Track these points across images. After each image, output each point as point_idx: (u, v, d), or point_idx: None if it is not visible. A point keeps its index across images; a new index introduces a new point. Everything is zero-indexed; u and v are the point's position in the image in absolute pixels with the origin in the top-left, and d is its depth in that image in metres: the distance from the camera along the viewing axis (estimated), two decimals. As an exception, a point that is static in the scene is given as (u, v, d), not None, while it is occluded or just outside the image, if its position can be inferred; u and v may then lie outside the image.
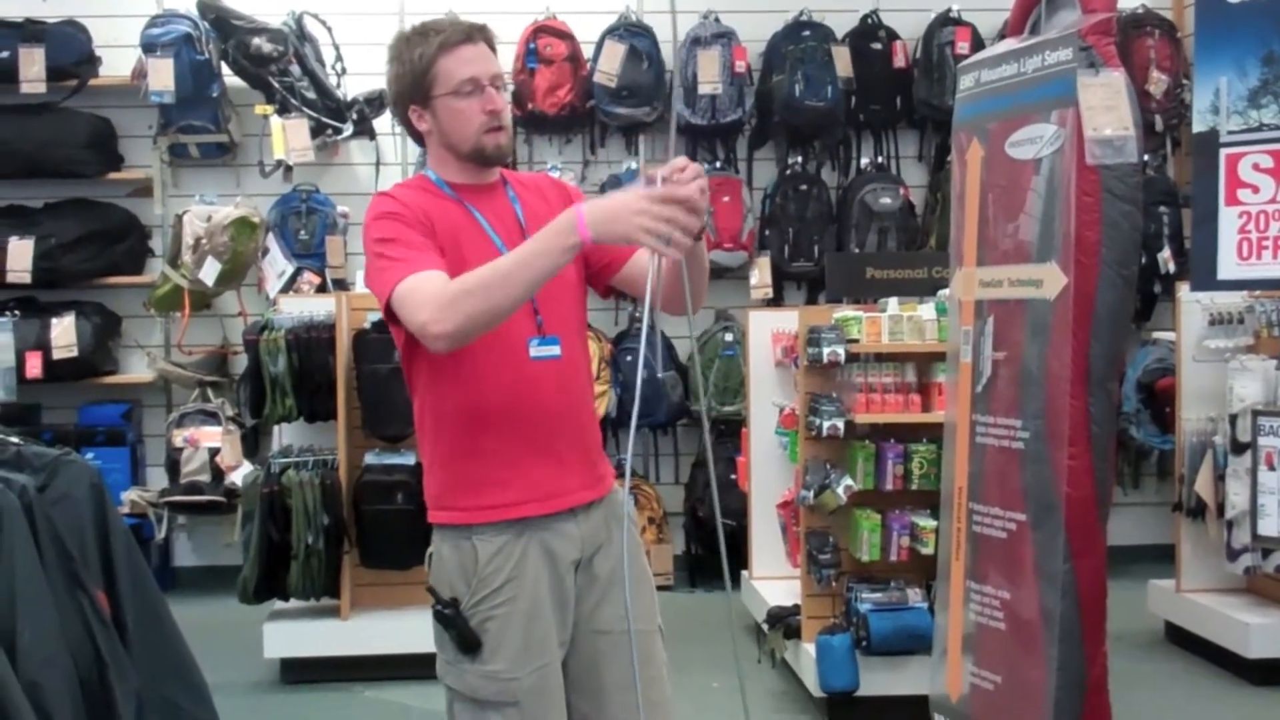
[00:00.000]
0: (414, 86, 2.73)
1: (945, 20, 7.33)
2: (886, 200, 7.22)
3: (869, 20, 7.40)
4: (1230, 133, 3.85)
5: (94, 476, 2.33)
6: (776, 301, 7.23)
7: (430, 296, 2.48)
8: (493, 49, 2.78)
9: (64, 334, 6.74)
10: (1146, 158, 7.03)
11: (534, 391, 2.69)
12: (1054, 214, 3.73)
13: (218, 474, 6.66)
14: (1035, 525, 3.75)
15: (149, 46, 6.68)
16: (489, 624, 2.68)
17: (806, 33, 7.20)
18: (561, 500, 2.74)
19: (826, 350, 4.83)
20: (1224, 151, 3.90)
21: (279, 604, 5.63)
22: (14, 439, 2.27)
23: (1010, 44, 4.07)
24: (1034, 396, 3.76)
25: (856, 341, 4.92)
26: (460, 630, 2.67)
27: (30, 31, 6.82)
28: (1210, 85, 3.89)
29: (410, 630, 5.41)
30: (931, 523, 4.79)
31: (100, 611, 2.22)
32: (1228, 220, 3.90)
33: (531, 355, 2.71)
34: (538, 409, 2.71)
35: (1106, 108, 3.62)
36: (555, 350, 2.73)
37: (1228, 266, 3.87)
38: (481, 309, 2.48)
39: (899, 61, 7.36)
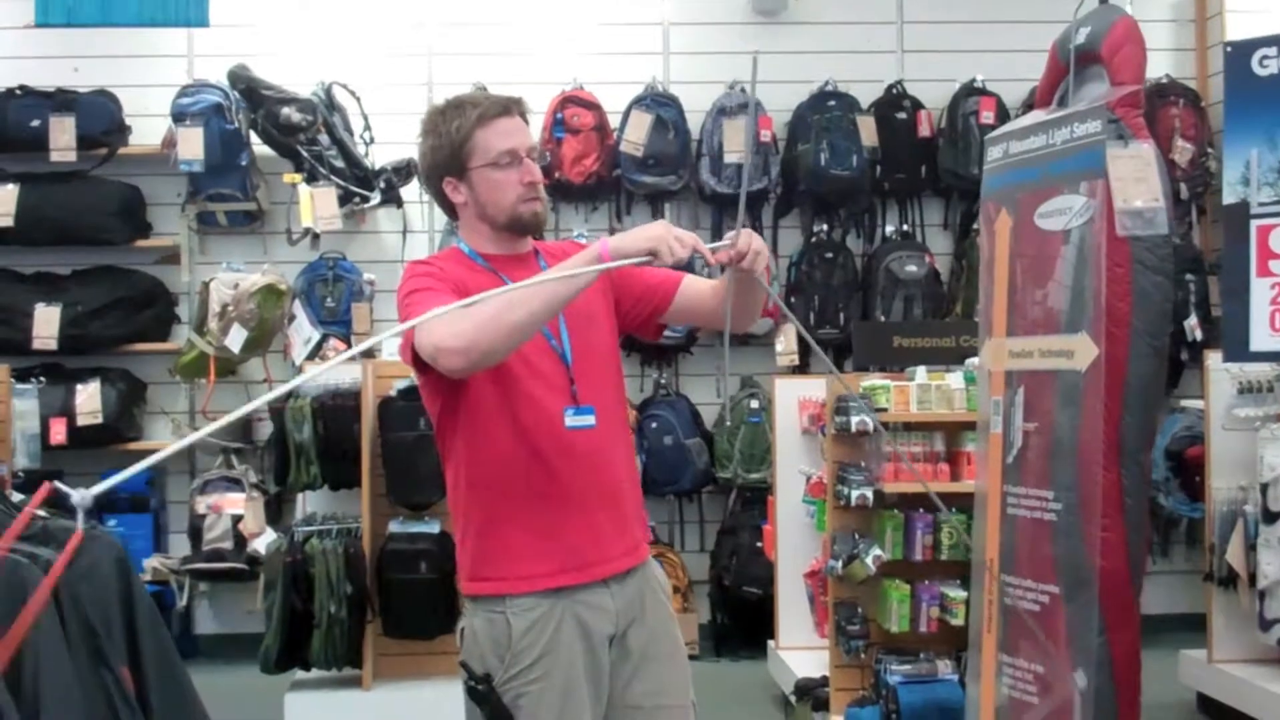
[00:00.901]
0: (450, 159, 2.75)
1: (970, 90, 7.34)
2: (912, 268, 7.21)
3: (894, 90, 7.42)
4: (1261, 204, 3.84)
5: (119, 551, 2.31)
6: (802, 369, 7.21)
7: (446, 319, 2.47)
8: (527, 121, 2.81)
9: (89, 400, 6.75)
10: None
11: (568, 461, 2.68)
12: (1084, 285, 3.71)
13: (240, 541, 6.63)
14: (1068, 598, 3.71)
15: (179, 116, 6.73)
16: (522, 700, 2.65)
17: (832, 102, 7.23)
18: (597, 569, 2.72)
19: (855, 419, 4.80)
20: (1255, 223, 3.89)
21: (301, 674, 5.59)
22: (42, 512, 2.25)
23: (1038, 115, 4.07)
24: (1066, 468, 3.72)
25: (885, 410, 4.89)
26: (493, 707, 2.64)
27: (61, 100, 6.88)
28: (1241, 157, 3.89)
29: (434, 701, 5.40)
30: (961, 593, 4.75)
31: (125, 690, 2.19)
32: (1260, 291, 3.88)
33: (567, 425, 2.70)
34: (572, 478, 2.70)
35: (1136, 179, 3.61)
36: (590, 420, 2.72)
37: (1260, 337, 3.85)
38: (498, 323, 2.47)
39: (924, 131, 7.37)
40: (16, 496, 2.71)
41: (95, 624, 2.17)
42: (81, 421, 6.74)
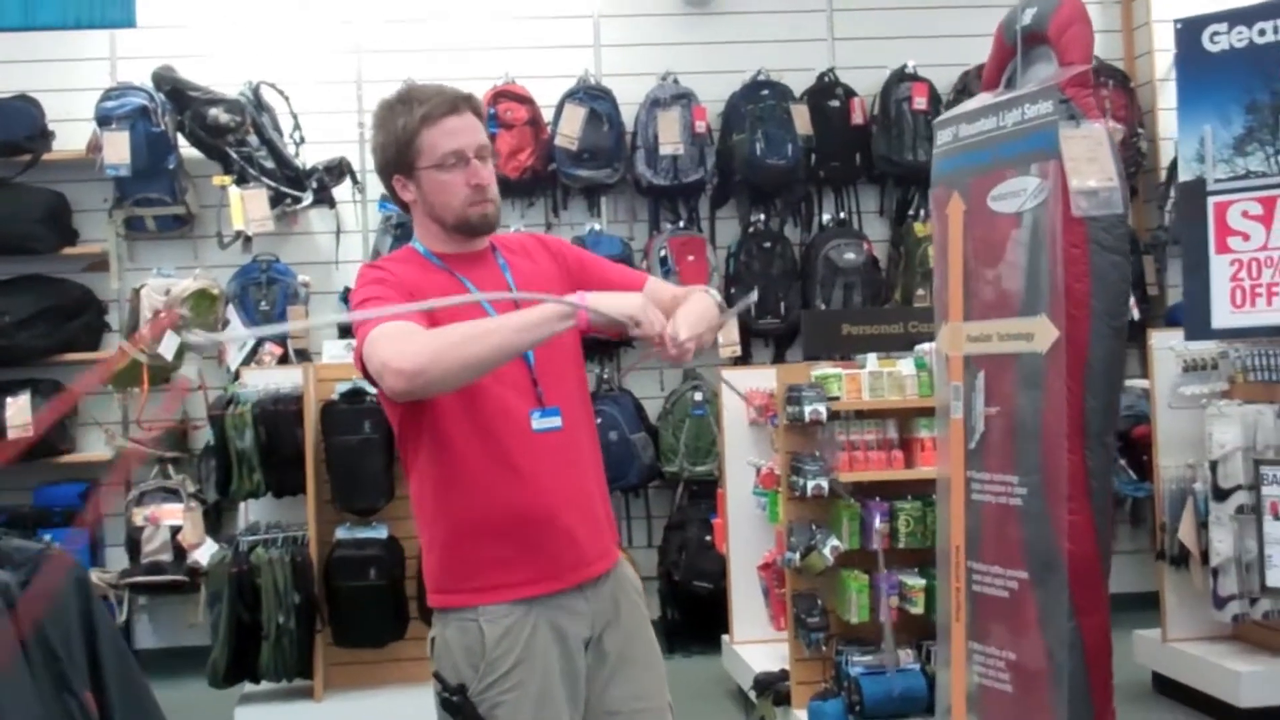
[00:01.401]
0: (397, 157, 2.67)
1: (902, 76, 7.35)
2: (850, 255, 7.20)
3: (826, 78, 7.41)
4: (1218, 180, 3.83)
5: (78, 571, 2.22)
6: (744, 359, 7.17)
7: (395, 338, 2.41)
8: (481, 116, 2.71)
9: (19, 413, 6.56)
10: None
11: (536, 464, 2.60)
12: (1040, 267, 3.70)
13: (179, 553, 6.49)
14: (1037, 583, 3.69)
15: (104, 119, 6.56)
16: (498, 710, 2.58)
17: (765, 92, 7.20)
18: (570, 576, 2.65)
19: (808, 409, 4.76)
20: (1212, 200, 3.89)
21: (250, 686, 5.46)
22: (-8, 531, 2.15)
23: (986, 98, 4.05)
24: (1030, 452, 3.71)
25: (837, 399, 4.86)
26: (468, 717, 2.56)
27: (-20, 106, 6.70)
28: (1195, 134, 3.89)
29: (387, 711, 5.31)
30: (920, 581, 4.75)
31: (89, 715, 2.10)
32: (1219, 268, 3.88)
33: (534, 428, 2.62)
34: (541, 482, 2.62)
35: (1090, 159, 3.60)
36: (557, 422, 2.65)
37: (1221, 315, 3.85)
38: (452, 355, 2.40)
39: (857, 118, 7.36)
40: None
41: (57, 647, 2.08)
42: (12, 434, 6.54)
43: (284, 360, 6.64)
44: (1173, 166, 7.22)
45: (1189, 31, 3.99)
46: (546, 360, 2.67)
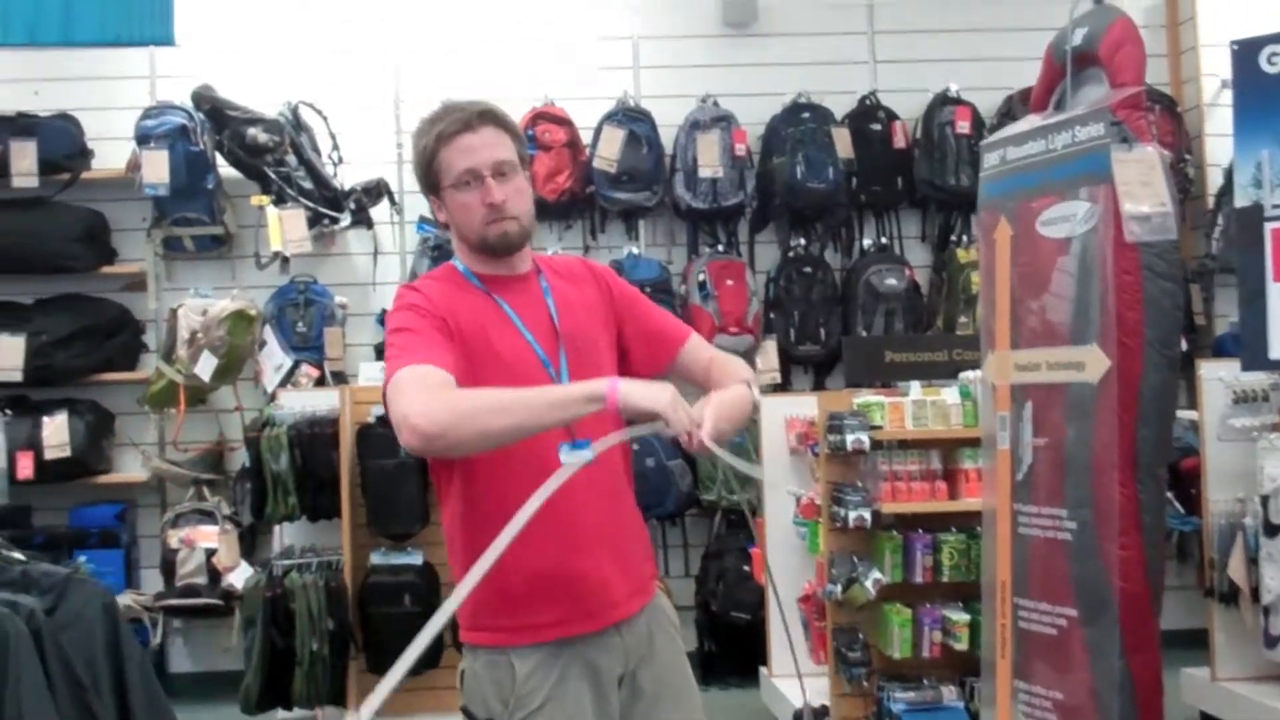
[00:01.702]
0: (425, 178, 2.64)
1: (944, 100, 7.26)
2: (892, 281, 7.11)
3: (868, 101, 7.33)
4: (1276, 206, 3.74)
5: (106, 596, 2.16)
6: (784, 386, 7.09)
7: (422, 389, 2.35)
8: (506, 129, 2.61)
9: (56, 433, 6.55)
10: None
11: (568, 500, 2.48)
12: (1090, 294, 3.61)
13: (214, 575, 6.45)
14: (1086, 621, 3.59)
15: (143, 138, 6.56)
16: None
17: (806, 115, 7.13)
18: (604, 617, 2.57)
19: (850, 438, 4.67)
20: (1269, 225, 3.79)
21: (283, 713, 5.41)
22: (19, 555, 2.09)
23: (1035, 120, 3.97)
24: (1079, 484, 3.61)
25: (880, 428, 4.77)
26: None
27: (22, 125, 6.69)
28: (1252, 158, 3.79)
29: (421, 738, 5.24)
30: (964, 616, 4.66)
31: (118, 747, 2.04)
32: (1277, 297, 3.77)
33: (562, 460, 2.53)
34: (574, 519, 2.52)
35: (1143, 183, 3.52)
36: (588, 455, 2.57)
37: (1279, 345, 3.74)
38: (475, 423, 2.33)
39: (899, 142, 7.28)
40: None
41: (81, 676, 2.02)
42: (49, 455, 6.54)
43: (321, 382, 6.61)
44: (1221, 193, 7.12)
45: (1245, 53, 3.90)
46: None
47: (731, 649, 6.61)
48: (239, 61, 7.02)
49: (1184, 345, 6.82)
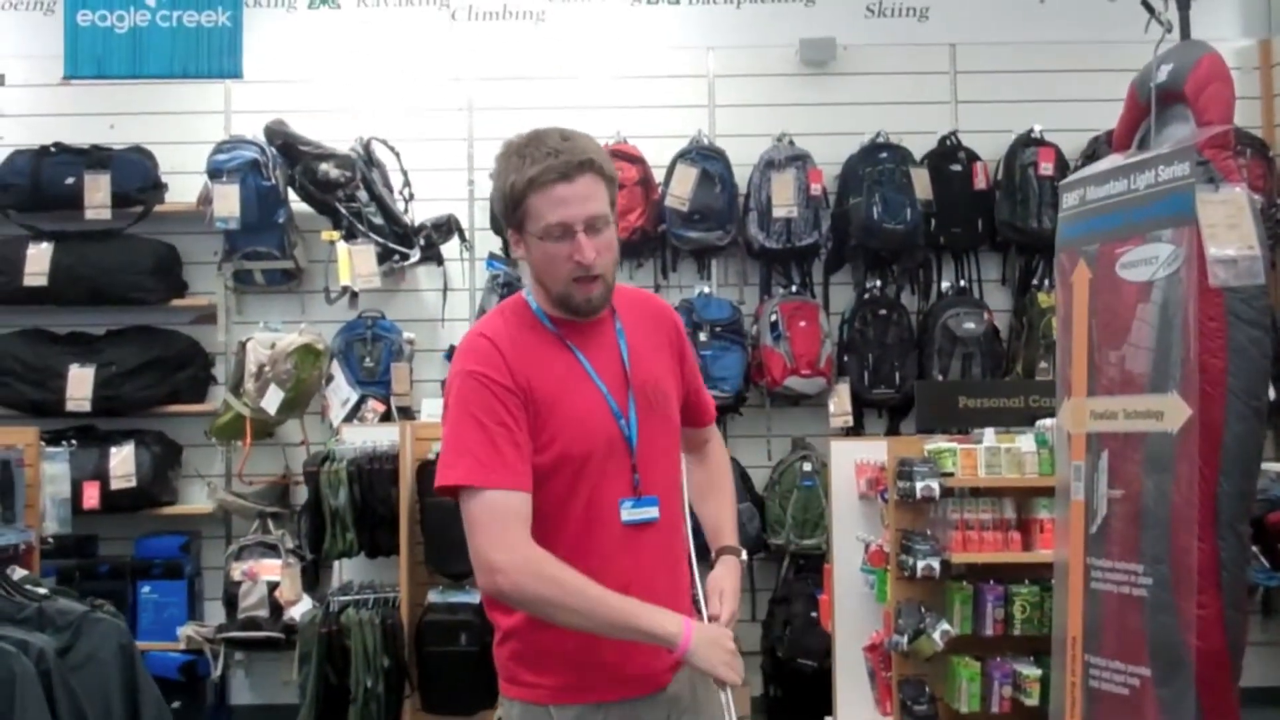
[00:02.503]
0: (506, 212, 2.49)
1: (1027, 141, 7.11)
2: (970, 325, 6.95)
3: (948, 142, 7.20)
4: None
5: (123, 636, 2.09)
6: (856, 430, 6.95)
7: (514, 545, 2.33)
8: (604, 179, 2.47)
9: (123, 464, 6.57)
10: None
11: (624, 560, 2.41)
12: (1172, 340, 3.46)
13: (276, 609, 6.41)
14: (1161, 682, 3.43)
15: (215, 172, 6.58)
16: None
17: (884, 154, 7.01)
18: (651, 684, 2.48)
19: (920, 484, 4.54)
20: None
21: (337, 750, 5.34)
22: (41, 589, 2.02)
23: (1117, 160, 3.83)
24: (1156, 539, 3.45)
25: (951, 475, 4.64)
26: None
27: (96, 158, 6.76)
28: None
29: (474, 780, 5.16)
30: (1035, 671, 4.51)
31: (128, 794, 1.96)
32: (1370, 346, 3.60)
33: (624, 519, 2.45)
34: (627, 579, 2.43)
35: (1229, 225, 3.37)
36: (653, 513, 2.47)
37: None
38: (548, 614, 2.35)
39: (980, 183, 7.13)
40: (19, 573, 2.46)
41: (92, 719, 1.94)
42: (115, 485, 6.56)
43: (387, 418, 6.58)
44: (1313, 238, 6.92)
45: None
46: (649, 444, 2.50)
47: (796, 696, 6.47)
48: (312, 97, 7.05)
49: (1272, 394, 6.63)
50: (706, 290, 6.99)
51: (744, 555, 2.73)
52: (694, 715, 2.55)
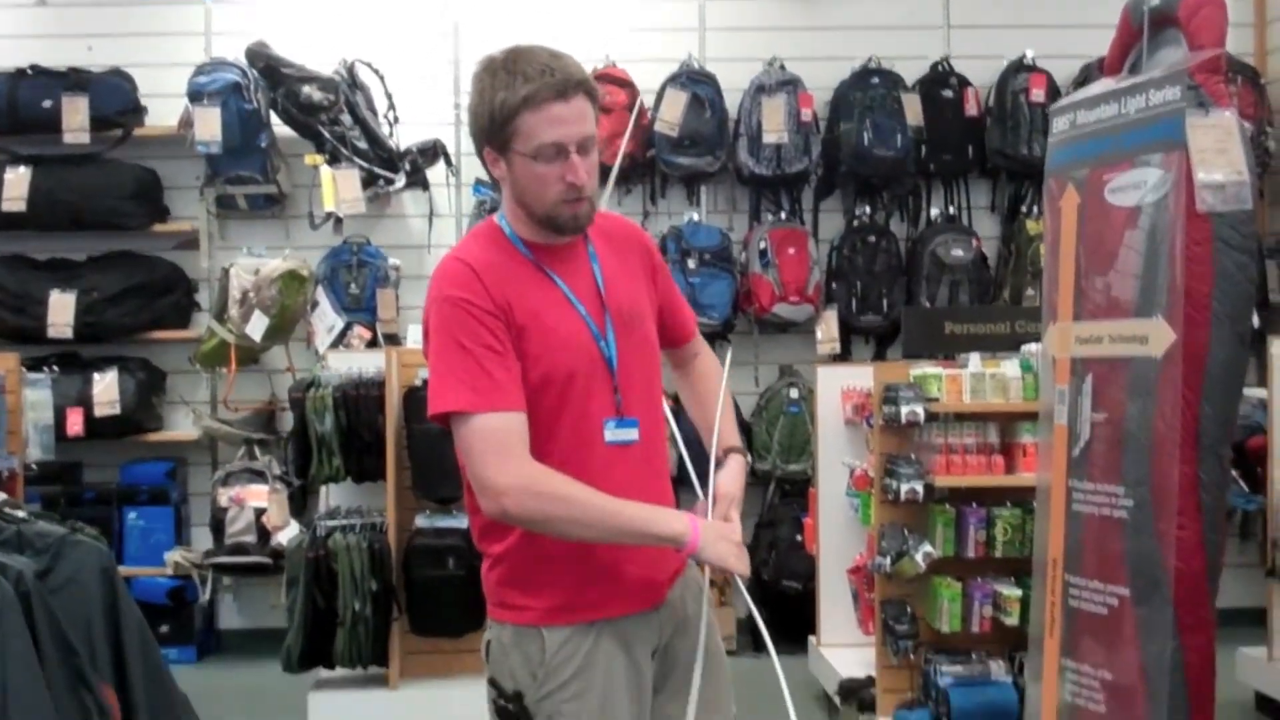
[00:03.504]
0: (491, 130, 2.41)
1: (1019, 67, 7.06)
2: (958, 252, 6.94)
3: (940, 67, 7.15)
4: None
5: (105, 559, 2.08)
6: (844, 357, 6.96)
7: (510, 458, 2.32)
8: (593, 101, 2.42)
9: (106, 390, 6.56)
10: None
11: (607, 479, 2.40)
12: (1159, 265, 3.45)
13: (264, 534, 6.45)
14: (1139, 600, 3.46)
15: (195, 95, 6.51)
16: None
17: (875, 80, 6.97)
18: (639, 600, 2.49)
19: (905, 409, 4.55)
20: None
21: (325, 672, 5.38)
22: (20, 512, 2.02)
23: (1108, 84, 3.80)
24: (1138, 462, 3.47)
25: (936, 400, 4.65)
26: None
27: (74, 80, 6.67)
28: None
29: (462, 701, 5.13)
30: (1016, 592, 4.55)
31: (108, 713, 1.96)
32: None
33: (606, 439, 2.44)
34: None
35: (1218, 150, 3.35)
36: (633, 434, 2.47)
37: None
38: (554, 529, 2.36)
39: (971, 110, 7.10)
40: (-1, 496, 2.45)
41: (74, 641, 1.94)
42: (99, 412, 6.56)
43: (373, 344, 6.57)
44: (1302, 167, 6.92)
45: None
46: (630, 361, 2.49)
47: (781, 618, 6.51)
48: (294, 18, 6.97)
49: (1256, 321, 6.65)
50: (695, 217, 6.96)
51: (747, 456, 2.76)
52: (683, 633, 2.56)
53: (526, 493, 2.31)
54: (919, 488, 4.57)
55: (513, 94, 2.36)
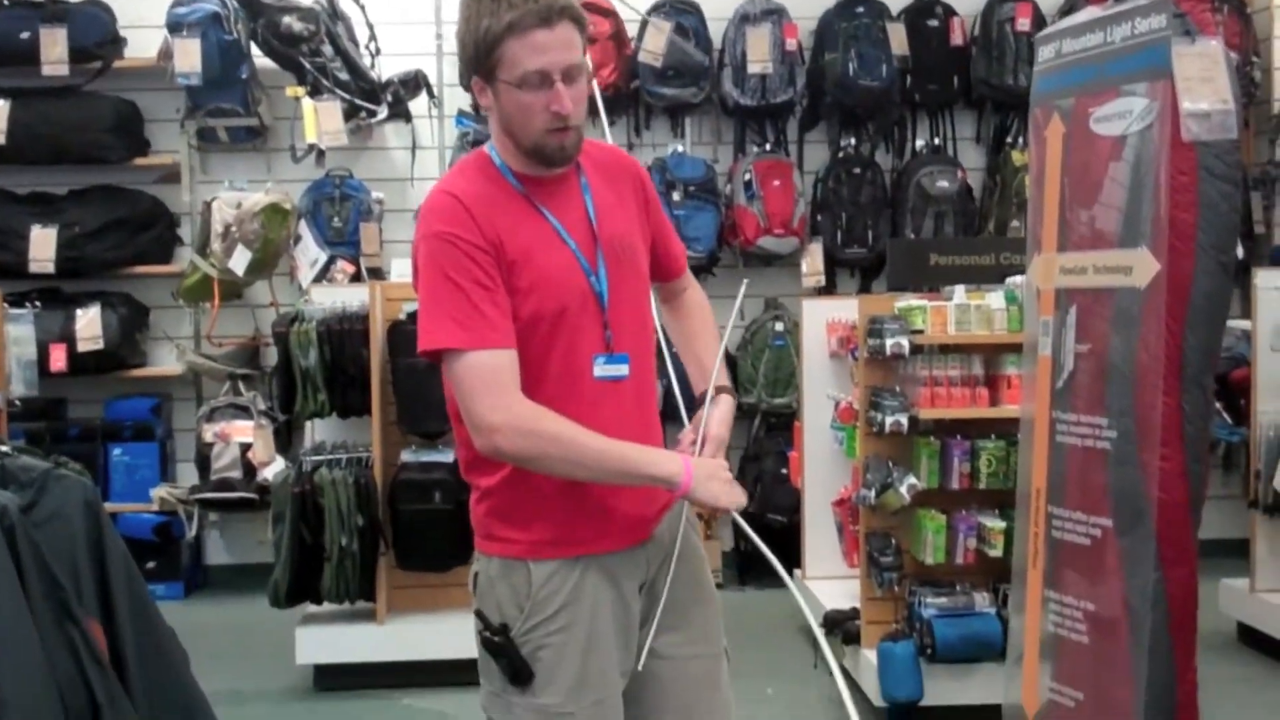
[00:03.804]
0: (476, 59, 2.37)
1: (1005, -5, 7.02)
2: (943, 184, 6.93)
3: (925, -4, 7.10)
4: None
5: (89, 493, 2.07)
6: (829, 289, 6.96)
7: (502, 394, 2.31)
8: (579, 27, 2.38)
9: (89, 326, 6.53)
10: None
11: (596, 415, 2.39)
12: (1143, 195, 3.43)
13: (249, 470, 6.46)
14: (1122, 532, 3.47)
15: (175, 26, 6.43)
16: (542, 653, 2.42)
17: (860, 9, 6.93)
18: (627, 536, 2.48)
19: (889, 342, 4.55)
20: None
21: (312, 607, 5.40)
22: (4, 447, 2.01)
23: (1094, 11, 3.76)
24: (1121, 393, 3.47)
25: (921, 332, 4.64)
26: (511, 659, 2.41)
27: (52, 11, 6.60)
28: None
29: (449, 635, 5.22)
30: (1000, 523, 4.56)
31: (95, 647, 1.97)
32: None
33: (595, 374, 2.43)
34: (611, 436, 2.40)
35: (1204, 79, 3.33)
36: (623, 370, 2.45)
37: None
38: (547, 467, 2.35)
39: (956, 39, 7.07)
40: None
41: (59, 575, 1.94)
42: (82, 348, 6.54)
43: (357, 278, 6.54)
44: (1289, 97, 6.89)
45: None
46: (620, 296, 2.47)
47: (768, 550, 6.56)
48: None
49: (1240, 252, 6.65)
50: (680, 149, 6.93)
51: (736, 395, 2.72)
52: (668, 567, 2.55)
53: (519, 432, 2.30)
54: (903, 420, 4.57)
55: (497, 21, 2.32)
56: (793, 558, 5.91)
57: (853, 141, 7.07)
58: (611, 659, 2.46)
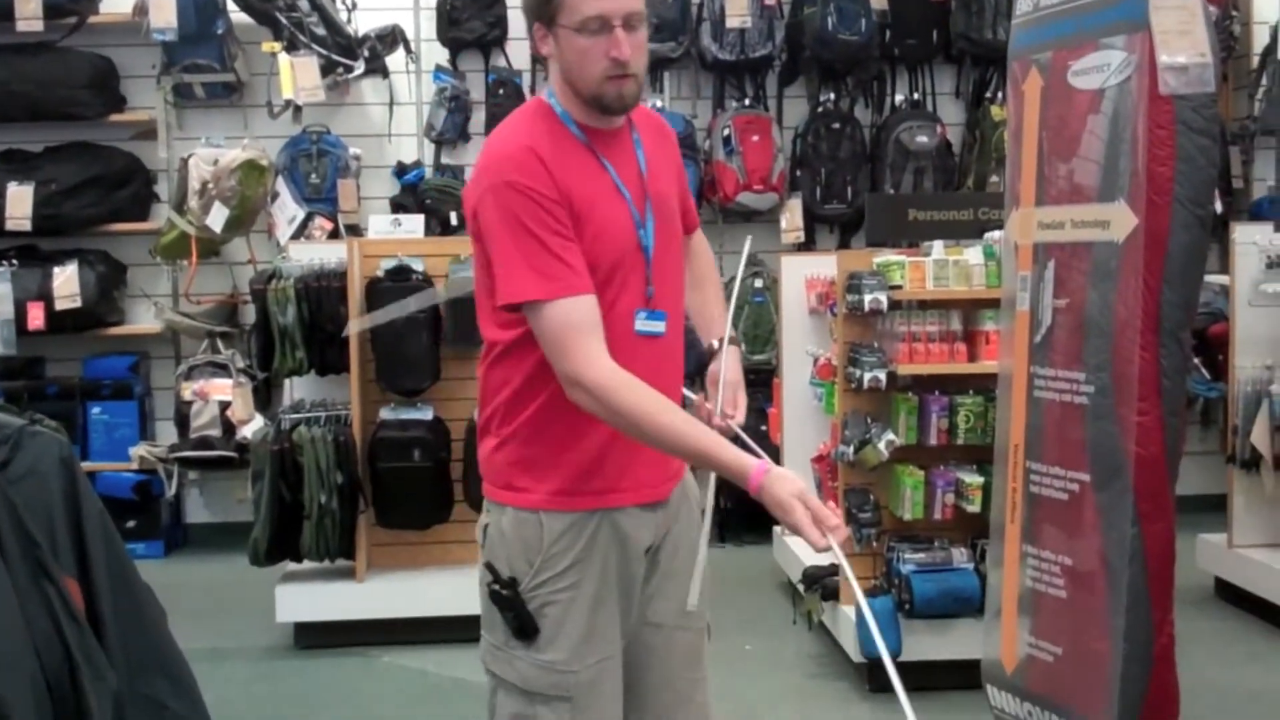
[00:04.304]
0: (538, 5, 2.37)
1: (985, -51, 6.98)
2: (923, 139, 6.92)
3: (904, -51, 7.06)
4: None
5: (64, 449, 2.06)
6: (808, 245, 6.96)
7: (596, 359, 2.30)
8: None
9: (67, 284, 6.50)
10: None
11: (632, 370, 2.36)
12: (1121, 148, 3.42)
13: (229, 428, 6.45)
14: (1099, 486, 3.48)
15: (149, -21, 6.38)
16: (549, 609, 2.42)
17: (839, -38, 6.88)
18: (647, 493, 2.49)
19: (868, 298, 4.55)
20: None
21: (292, 565, 5.40)
22: (-20, 406, 2.00)
23: (1072, -36, 3.74)
24: (1099, 348, 3.47)
25: (899, 288, 4.64)
26: (517, 613, 2.41)
27: (25, -34, 6.52)
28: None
29: (429, 592, 5.24)
30: (978, 479, 4.57)
31: (71, 605, 1.96)
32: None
33: (636, 329, 2.42)
34: None
35: (1182, 32, 3.31)
36: (660, 326, 2.45)
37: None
38: (631, 430, 2.33)
39: (936, -7, 7.04)
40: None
41: (35, 532, 1.93)
42: (60, 306, 6.51)
43: (335, 235, 6.51)
44: (1266, 52, 6.88)
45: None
46: (663, 256, 2.47)
47: (747, 507, 6.51)
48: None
49: (1219, 207, 6.67)
50: (659, 104, 6.90)
51: (742, 345, 2.76)
52: (671, 539, 2.57)
53: (607, 391, 2.29)
54: (882, 376, 4.57)
55: None
56: (773, 515, 5.92)
57: (832, 96, 7.04)
58: (615, 619, 2.47)
